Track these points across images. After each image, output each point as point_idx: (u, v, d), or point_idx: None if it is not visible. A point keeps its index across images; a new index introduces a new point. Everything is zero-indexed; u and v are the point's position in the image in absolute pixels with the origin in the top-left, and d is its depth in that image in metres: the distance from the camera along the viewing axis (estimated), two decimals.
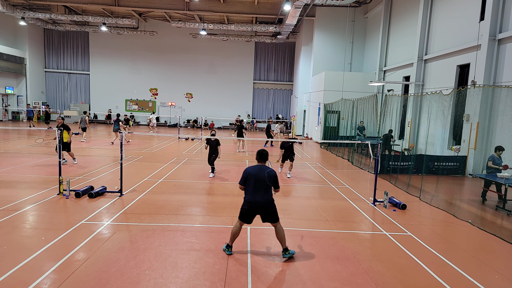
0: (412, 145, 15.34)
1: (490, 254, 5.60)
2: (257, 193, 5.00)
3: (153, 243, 5.44)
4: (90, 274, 4.42)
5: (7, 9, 23.24)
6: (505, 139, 10.53)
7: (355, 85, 20.70)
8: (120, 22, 26.02)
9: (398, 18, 19.13)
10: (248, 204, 5.04)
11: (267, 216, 5.08)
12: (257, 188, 5.00)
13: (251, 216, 5.10)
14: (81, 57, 32.24)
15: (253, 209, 5.04)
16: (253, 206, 5.02)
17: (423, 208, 8.16)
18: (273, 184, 5.09)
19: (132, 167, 11.70)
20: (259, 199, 4.99)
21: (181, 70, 32.22)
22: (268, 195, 5.05)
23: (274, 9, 24.26)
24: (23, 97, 29.99)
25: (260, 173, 5.04)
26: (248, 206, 5.04)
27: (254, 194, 5.00)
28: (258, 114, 33.45)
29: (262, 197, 5.00)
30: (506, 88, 10.11)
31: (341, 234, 6.25)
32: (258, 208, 5.03)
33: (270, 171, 5.10)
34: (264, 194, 5.01)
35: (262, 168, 5.13)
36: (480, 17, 12.41)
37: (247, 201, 5.05)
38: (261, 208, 5.03)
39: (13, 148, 14.51)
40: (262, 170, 5.08)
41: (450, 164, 12.32)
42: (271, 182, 5.05)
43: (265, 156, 5.28)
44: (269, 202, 5.03)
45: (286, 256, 5.08)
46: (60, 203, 7.32)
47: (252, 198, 5.01)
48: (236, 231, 5.15)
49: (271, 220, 5.10)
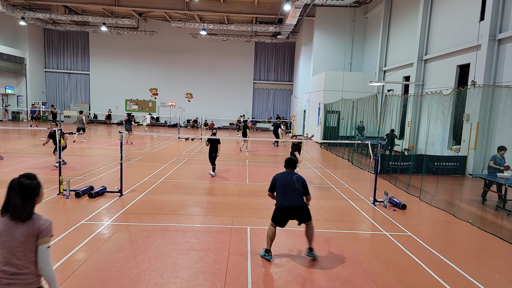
0: (412, 145, 15.34)
1: (490, 254, 5.60)
2: (288, 198, 4.97)
3: (153, 243, 5.44)
4: (90, 274, 4.42)
5: (7, 9, 23.25)
6: (505, 139, 10.52)
7: (355, 85, 20.70)
8: (120, 22, 26.03)
9: (398, 18, 19.13)
10: (279, 210, 5.01)
11: (301, 218, 5.07)
12: (287, 193, 4.98)
13: (283, 220, 5.04)
14: (81, 57, 32.24)
15: (285, 214, 5.00)
16: (284, 212, 4.97)
17: (423, 208, 8.16)
18: (302, 188, 5.06)
19: (132, 167, 11.70)
20: (290, 204, 4.95)
21: (181, 70, 32.22)
22: (300, 199, 5.01)
23: (274, 9, 24.26)
24: (23, 97, 30.00)
25: (288, 178, 5.06)
26: (279, 212, 5.01)
27: (285, 200, 4.97)
28: (258, 114, 33.45)
29: (293, 202, 4.95)
30: (506, 88, 10.11)
31: (341, 234, 6.25)
32: (291, 213, 4.99)
33: (299, 176, 5.14)
34: (295, 198, 4.96)
35: (289, 173, 5.17)
36: (480, 17, 12.41)
37: (278, 207, 5.02)
38: (294, 212, 4.99)
39: (13, 148, 14.51)
40: (290, 174, 5.13)
41: (450, 164, 12.32)
42: (300, 186, 5.03)
43: (293, 163, 5.30)
44: (301, 206, 5.00)
45: (309, 255, 5.11)
46: (60, 203, 7.32)
47: (283, 203, 4.97)
48: (272, 234, 5.04)
49: (305, 220, 5.09)
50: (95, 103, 32.48)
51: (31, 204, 2.41)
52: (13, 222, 2.35)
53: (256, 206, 7.71)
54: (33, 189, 2.42)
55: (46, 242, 2.37)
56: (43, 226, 2.38)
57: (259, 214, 7.14)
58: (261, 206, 7.72)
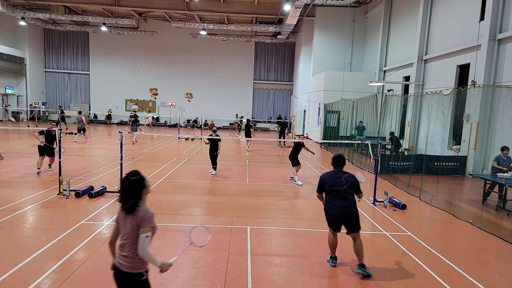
0: (412, 145, 15.34)
1: (490, 254, 5.60)
2: (336, 201, 4.66)
3: (153, 243, 5.43)
4: (90, 274, 4.42)
5: (7, 9, 23.24)
6: (505, 139, 10.52)
7: (355, 85, 20.70)
8: (120, 22, 26.03)
9: (398, 18, 19.13)
10: (328, 214, 4.74)
11: (351, 226, 4.70)
12: (335, 195, 4.67)
13: (336, 226, 4.76)
14: (81, 57, 32.24)
15: (336, 218, 4.70)
16: (334, 216, 4.69)
17: (423, 208, 8.16)
18: (353, 189, 4.70)
19: (132, 167, 11.68)
20: (338, 207, 4.63)
21: (181, 70, 32.22)
22: (349, 201, 4.65)
23: (274, 9, 24.26)
24: (23, 97, 30.00)
25: (336, 179, 4.69)
26: (329, 216, 4.74)
27: (333, 202, 4.68)
28: (258, 114, 33.45)
29: (341, 205, 4.62)
30: (506, 88, 10.11)
31: (341, 234, 6.24)
32: (340, 217, 4.66)
33: (349, 176, 4.73)
34: (343, 201, 4.63)
35: (338, 173, 4.77)
36: (480, 17, 12.41)
37: (327, 212, 4.76)
38: (343, 216, 4.65)
39: (13, 148, 14.51)
40: (339, 175, 4.74)
41: (450, 164, 12.32)
42: (350, 188, 4.66)
43: (341, 162, 4.84)
44: (350, 209, 4.63)
45: (360, 272, 4.61)
46: (60, 203, 7.32)
47: (331, 207, 4.70)
48: (332, 240, 4.86)
49: (353, 230, 4.71)
50: (95, 103, 32.47)
51: (135, 197, 2.81)
52: (125, 213, 2.81)
53: (256, 206, 7.71)
54: (136, 184, 2.83)
55: (146, 232, 2.75)
56: (144, 217, 2.76)
57: (259, 214, 7.14)
58: (261, 206, 7.72)
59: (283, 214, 7.26)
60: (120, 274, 2.80)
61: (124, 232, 2.83)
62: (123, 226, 2.83)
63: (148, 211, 2.81)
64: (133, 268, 2.77)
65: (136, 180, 2.84)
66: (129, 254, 2.77)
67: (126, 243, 2.80)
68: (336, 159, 4.84)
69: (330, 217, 4.73)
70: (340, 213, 4.63)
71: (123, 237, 2.84)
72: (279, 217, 7.02)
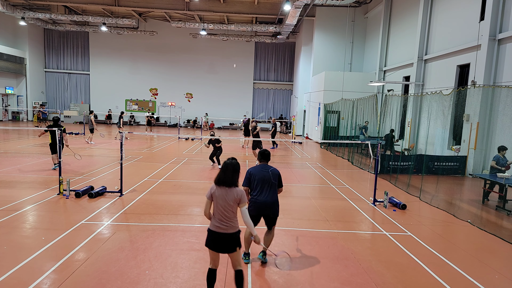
0: (412, 145, 15.34)
1: (490, 254, 5.60)
2: (263, 193, 4.80)
3: (153, 243, 5.43)
4: (90, 274, 4.42)
5: (7, 9, 23.25)
6: (505, 139, 10.51)
7: (355, 85, 20.70)
8: (120, 22, 26.03)
9: (398, 18, 19.13)
10: (255, 204, 4.79)
11: (271, 219, 4.91)
12: (263, 188, 4.82)
13: (257, 218, 4.86)
14: (81, 57, 32.24)
15: (260, 210, 4.81)
16: (260, 207, 4.78)
17: (423, 208, 8.16)
18: (278, 182, 4.96)
19: (132, 167, 11.70)
20: (266, 199, 4.78)
21: (181, 70, 32.23)
22: (275, 195, 4.89)
23: (274, 9, 24.26)
24: (23, 97, 30.00)
25: (264, 172, 4.88)
26: (254, 207, 4.78)
27: (260, 195, 4.79)
28: (258, 114, 33.44)
29: (268, 197, 4.80)
30: (506, 88, 10.11)
31: (341, 234, 6.25)
32: (266, 209, 4.81)
33: (274, 169, 4.97)
34: (271, 194, 4.83)
35: (265, 166, 4.98)
36: (480, 17, 12.41)
37: (254, 202, 4.80)
38: (269, 208, 4.82)
39: (13, 148, 14.52)
40: (266, 168, 4.94)
41: (450, 164, 12.32)
42: (276, 181, 4.91)
43: (267, 156, 5.14)
44: (275, 203, 4.88)
45: (260, 258, 5.00)
46: (60, 203, 7.32)
47: (259, 198, 4.79)
48: (248, 236, 4.89)
49: (273, 223, 4.96)
50: (95, 103, 32.46)
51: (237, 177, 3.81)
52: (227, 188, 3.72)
53: None
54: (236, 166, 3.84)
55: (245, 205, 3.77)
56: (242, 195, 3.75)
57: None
58: None
59: (283, 214, 7.25)
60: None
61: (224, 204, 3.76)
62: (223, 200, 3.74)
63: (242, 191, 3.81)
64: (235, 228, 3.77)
65: (235, 163, 3.86)
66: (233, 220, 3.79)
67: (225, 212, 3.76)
68: (262, 153, 5.18)
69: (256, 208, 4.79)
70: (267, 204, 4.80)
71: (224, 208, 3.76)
72: (279, 217, 6.98)
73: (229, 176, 3.73)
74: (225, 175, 3.73)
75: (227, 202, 3.66)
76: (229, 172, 3.74)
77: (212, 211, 3.78)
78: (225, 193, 3.68)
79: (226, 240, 3.68)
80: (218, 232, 3.67)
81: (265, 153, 5.15)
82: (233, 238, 3.70)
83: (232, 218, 3.70)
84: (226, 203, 3.66)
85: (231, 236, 3.69)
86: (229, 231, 3.67)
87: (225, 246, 3.70)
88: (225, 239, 3.68)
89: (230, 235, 3.68)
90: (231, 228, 3.69)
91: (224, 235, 3.67)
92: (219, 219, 3.68)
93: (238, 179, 3.80)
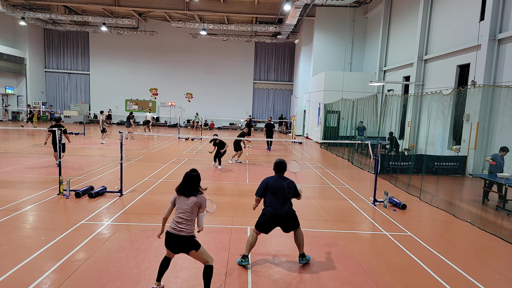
0: (412, 145, 15.34)
1: (490, 254, 5.60)
2: (277, 205, 4.74)
3: (153, 243, 5.43)
4: (90, 274, 4.42)
5: (7, 9, 23.24)
6: (505, 139, 10.52)
7: (355, 85, 20.70)
8: (120, 22, 26.02)
9: (398, 18, 19.13)
10: (267, 216, 4.76)
11: (288, 226, 4.85)
12: (277, 199, 4.75)
13: (269, 227, 4.83)
14: (81, 57, 32.23)
15: (273, 222, 4.77)
16: (273, 219, 4.75)
17: (423, 208, 8.16)
18: (293, 195, 4.88)
19: (132, 167, 11.70)
20: (280, 211, 4.73)
21: (181, 70, 32.22)
22: (290, 207, 4.81)
23: (274, 9, 24.26)
24: (23, 97, 30.00)
25: (279, 184, 4.79)
26: (267, 219, 4.75)
27: (275, 207, 4.73)
28: (258, 114, 33.46)
29: (283, 209, 4.74)
30: (506, 88, 10.11)
31: (341, 234, 6.25)
32: (279, 221, 4.77)
33: (290, 182, 4.88)
34: (285, 205, 4.76)
35: (280, 178, 4.88)
36: (480, 17, 12.41)
37: (267, 214, 4.77)
38: (282, 220, 4.77)
39: (13, 148, 14.52)
40: (281, 180, 4.85)
41: (450, 164, 12.32)
42: (291, 194, 4.82)
43: (282, 169, 4.96)
44: (290, 214, 4.80)
45: (302, 262, 4.96)
46: (60, 203, 7.32)
47: (272, 210, 4.73)
48: (253, 241, 4.86)
49: (293, 228, 4.89)
50: (95, 103, 32.46)
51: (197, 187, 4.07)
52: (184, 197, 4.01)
53: None
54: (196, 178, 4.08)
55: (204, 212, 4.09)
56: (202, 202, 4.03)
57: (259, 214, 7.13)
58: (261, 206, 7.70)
59: None
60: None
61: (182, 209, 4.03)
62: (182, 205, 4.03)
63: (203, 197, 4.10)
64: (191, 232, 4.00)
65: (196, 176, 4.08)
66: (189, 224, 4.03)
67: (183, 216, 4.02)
68: (278, 164, 4.94)
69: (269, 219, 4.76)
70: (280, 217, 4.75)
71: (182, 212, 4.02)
72: None
73: (188, 187, 4.02)
74: (184, 186, 4.04)
75: (186, 208, 3.96)
76: (188, 184, 4.03)
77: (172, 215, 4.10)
78: (185, 200, 3.99)
79: (180, 241, 3.93)
80: (173, 233, 3.92)
81: (281, 166, 4.94)
82: (187, 240, 3.93)
83: (188, 223, 3.94)
84: (185, 209, 3.96)
85: (185, 238, 3.92)
86: (182, 234, 3.91)
87: (179, 247, 3.96)
88: (179, 241, 3.93)
89: (184, 237, 3.92)
90: (186, 232, 3.92)
91: (178, 237, 3.91)
92: (176, 222, 3.95)
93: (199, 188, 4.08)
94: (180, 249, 3.97)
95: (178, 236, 3.90)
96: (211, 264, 4.01)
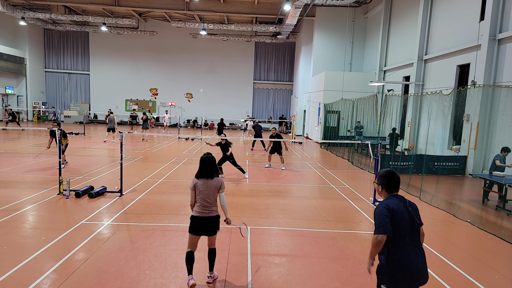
0: (412, 145, 15.34)
1: (490, 254, 5.60)
2: (410, 250, 2.87)
3: (153, 243, 5.44)
4: (90, 274, 4.42)
5: (7, 9, 23.24)
6: (505, 139, 10.52)
7: (355, 85, 20.70)
8: (120, 22, 26.03)
9: (398, 18, 19.13)
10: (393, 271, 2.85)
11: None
12: (411, 239, 2.89)
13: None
14: (81, 57, 32.24)
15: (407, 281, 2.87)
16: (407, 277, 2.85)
17: (423, 208, 8.15)
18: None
19: (132, 167, 11.70)
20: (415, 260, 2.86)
21: (181, 70, 32.23)
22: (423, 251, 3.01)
23: (274, 9, 24.26)
24: (23, 97, 30.00)
25: (406, 210, 2.95)
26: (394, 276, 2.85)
27: (404, 252, 2.84)
28: (258, 114, 33.46)
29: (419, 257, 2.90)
30: (506, 88, 10.11)
31: (341, 234, 6.25)
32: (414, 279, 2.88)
33: (412, 204, 3.06)
34: (420, 250, 2.96)
35: (400, 201, 3.02)
36: (480, 17, 12.41)
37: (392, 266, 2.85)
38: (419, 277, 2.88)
39: (13, 148, 14.51)
40: (403, 204, 3.01)
41: (450, 164, 12.32)
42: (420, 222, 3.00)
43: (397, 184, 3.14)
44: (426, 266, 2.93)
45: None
46: (60, 203, 7.32)
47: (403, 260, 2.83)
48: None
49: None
50: (95, 103, 32.48)
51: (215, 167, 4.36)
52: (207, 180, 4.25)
53: (256, 206, 7.71)
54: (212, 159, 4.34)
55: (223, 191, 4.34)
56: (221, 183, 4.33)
57: (259, 214, 7.14)
58: (261, 206, 7.72)
59: (283, 214, 7.26)
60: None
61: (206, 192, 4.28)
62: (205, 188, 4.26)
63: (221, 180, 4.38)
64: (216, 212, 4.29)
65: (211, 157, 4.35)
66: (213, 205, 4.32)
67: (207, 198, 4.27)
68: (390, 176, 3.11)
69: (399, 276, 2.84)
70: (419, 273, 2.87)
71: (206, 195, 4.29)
72: (279, 217, 7.02)
73: (210, 168, 4.27)
74: (205, 169, 4.26)
75: (209, 190, 4.20)
76: (208, 166, 4.27)
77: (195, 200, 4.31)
78: (206, 183, 4.22)
79: (208, 223, 4.20)
80: (202, 216, 4.18)
81: (394, 177, 3.08)
82: (214, 221, 4.23)
83: (215, 203, 4.26)
84: (208, 192, 4.20)
85: (213, 219, 4.22)
86: (211, 215, 4.21)
87: (207, 229, 4.22)
88: (208, 222, 4.20)
89: (212, 218, 4.21)
90: (213, 213, 4.23)
91: (206, 219, 4.19)
92: (203, 206, 4.19)
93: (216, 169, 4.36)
94: (208, 231, 4.22)
95: (209, 218, 4.18)
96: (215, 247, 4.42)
